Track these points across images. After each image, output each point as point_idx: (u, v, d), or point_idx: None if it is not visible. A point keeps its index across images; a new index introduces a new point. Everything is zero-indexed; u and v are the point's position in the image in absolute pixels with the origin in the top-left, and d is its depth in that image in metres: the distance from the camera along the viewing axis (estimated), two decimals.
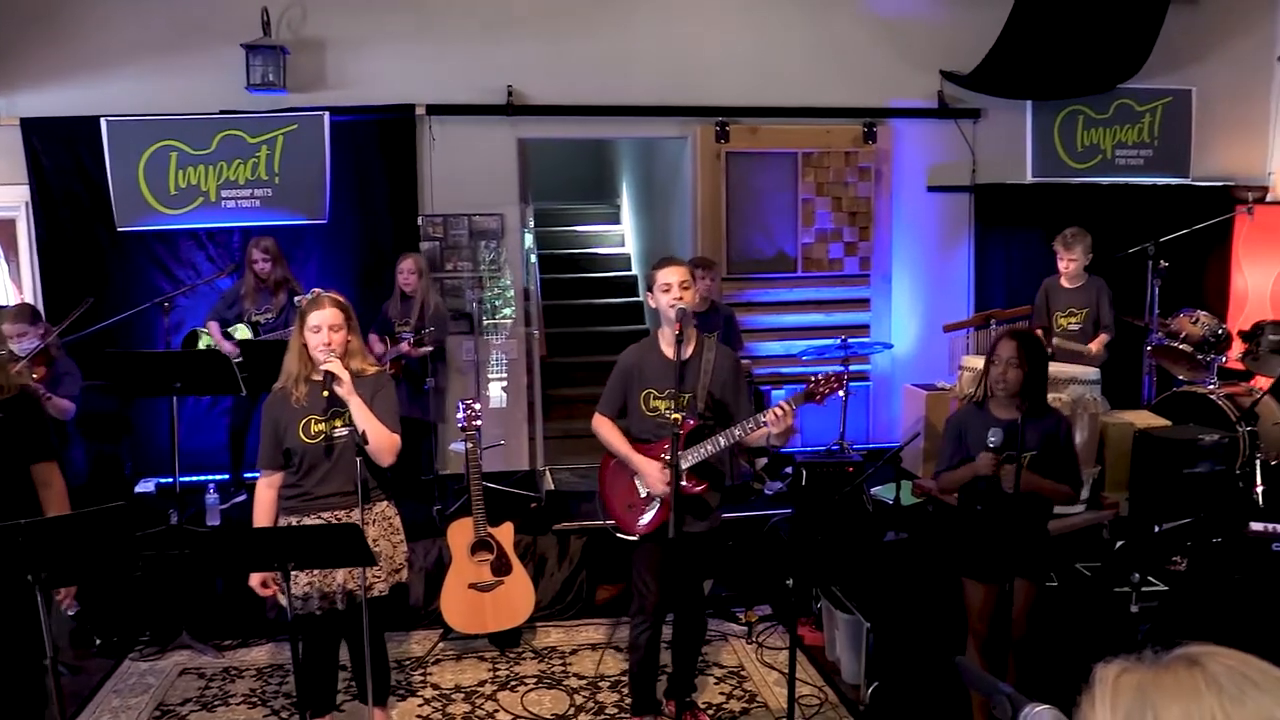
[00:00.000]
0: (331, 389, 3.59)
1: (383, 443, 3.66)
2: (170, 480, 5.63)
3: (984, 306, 7.30)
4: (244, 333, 6.09)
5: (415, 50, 6.84)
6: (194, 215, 6.65)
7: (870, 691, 4.46)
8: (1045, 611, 4.10)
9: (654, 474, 3.88)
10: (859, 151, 7.32)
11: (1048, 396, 3.94)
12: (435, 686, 4.74)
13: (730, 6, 7.18)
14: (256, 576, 3.71)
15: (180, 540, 5.24)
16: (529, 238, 7.33)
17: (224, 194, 6.65)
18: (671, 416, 3.69)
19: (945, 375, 7.13)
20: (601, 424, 4.05)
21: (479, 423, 5.04)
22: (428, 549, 5.45)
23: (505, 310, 7.03)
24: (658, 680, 4.28)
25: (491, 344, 7.02)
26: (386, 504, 3.84)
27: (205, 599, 5.27)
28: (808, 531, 5.48)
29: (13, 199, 6.63)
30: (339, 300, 3.75)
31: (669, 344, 3.93)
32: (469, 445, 5.00)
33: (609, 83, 7.01)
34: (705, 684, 4.70)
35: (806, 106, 7.27)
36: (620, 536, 4.07)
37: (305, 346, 3.69)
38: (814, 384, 3.76)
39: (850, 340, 6.60)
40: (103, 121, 6.44)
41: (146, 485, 6.53)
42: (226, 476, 6.37)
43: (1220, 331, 6.33)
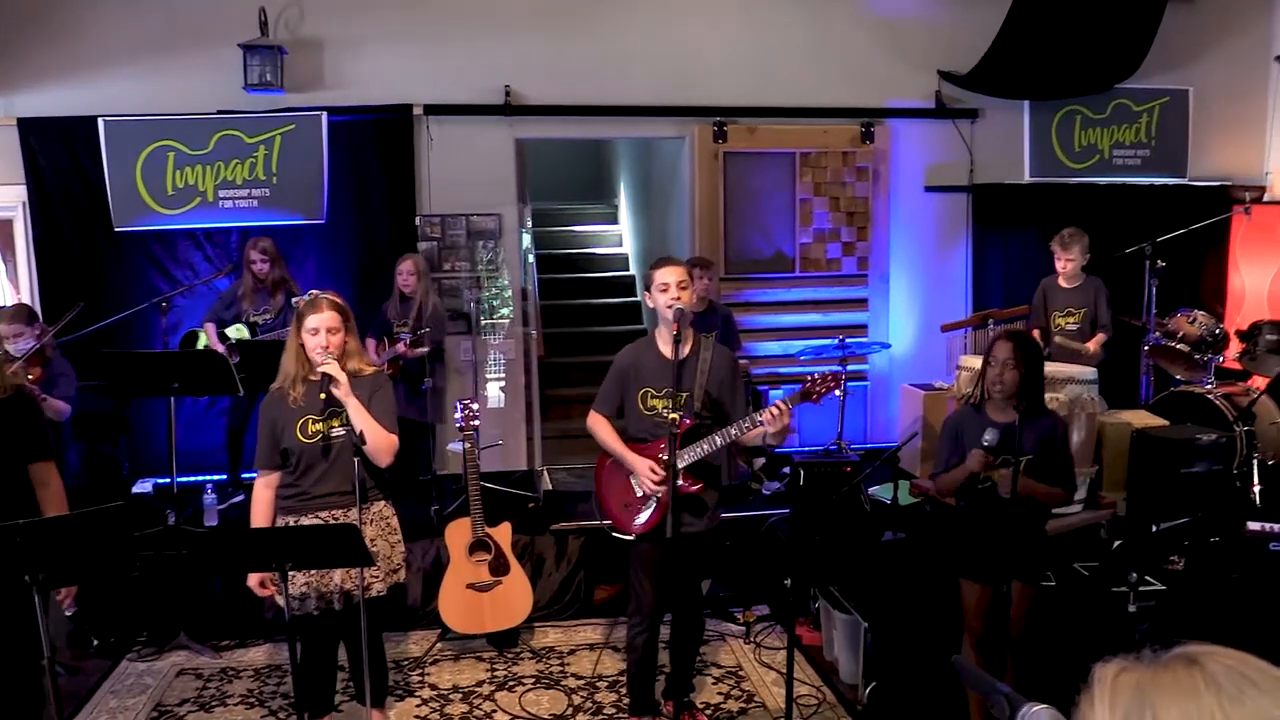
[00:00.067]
0: (329, 391, 3.59)
1: (380, 443, 3.67)
2: (168, 480, 5.62)
3: (982, 306, 7.31)
4: (240, 332, 6.09)
5: (413, 50, 6.84)
6: (191, 215, 6.64)
7: (868, 691, 4.46)
8: (1043, 611, 4.10)
9: (646, 473, 3.88)
10: (857, 151, 7.32)
11: (1045, 396, 3.94)
12: (433, 687, 4.74)
13: (728, 7, 7.18)
14: (255, 577, 3.72)
15: (178, 540, 5.24)
16: (527, 238, 7.32)
17: (221, 194, 6.65)
18: (670, 416, 3.69)
19: (943, 375, 7.14)
20: (596, 422, 4.05)
21: (477, 423, 5.03)
22: (425, 549, 5.45)
23: (503, 310, 7.02)
24: (656, 680, 4.27)
25: (489, 344, 7.01)
26: (384, 504, 3.85)
27: (203, 599, 5.27)
28: (805, 532, 5.48)
29: (10, 199, 6.62)
30: (337, 302, 3.75)
31: (666, 343, 3.93)
32: (467, 445, 5.00)
33: (606, 83, 7.01)
34: (703, 684, 4.70)
35: (804, 107, 7.27)
36: (616, 536, 4.06)
37: (302, 347, 3.69)
38: (810, 383, 3.77)
39: (848, 340, 6.59)
40: (100, 121, 6.43)
41: (144, 486, 6.52)
42: (224, 477, 6.36)
43: (1217, 331, 6.34)
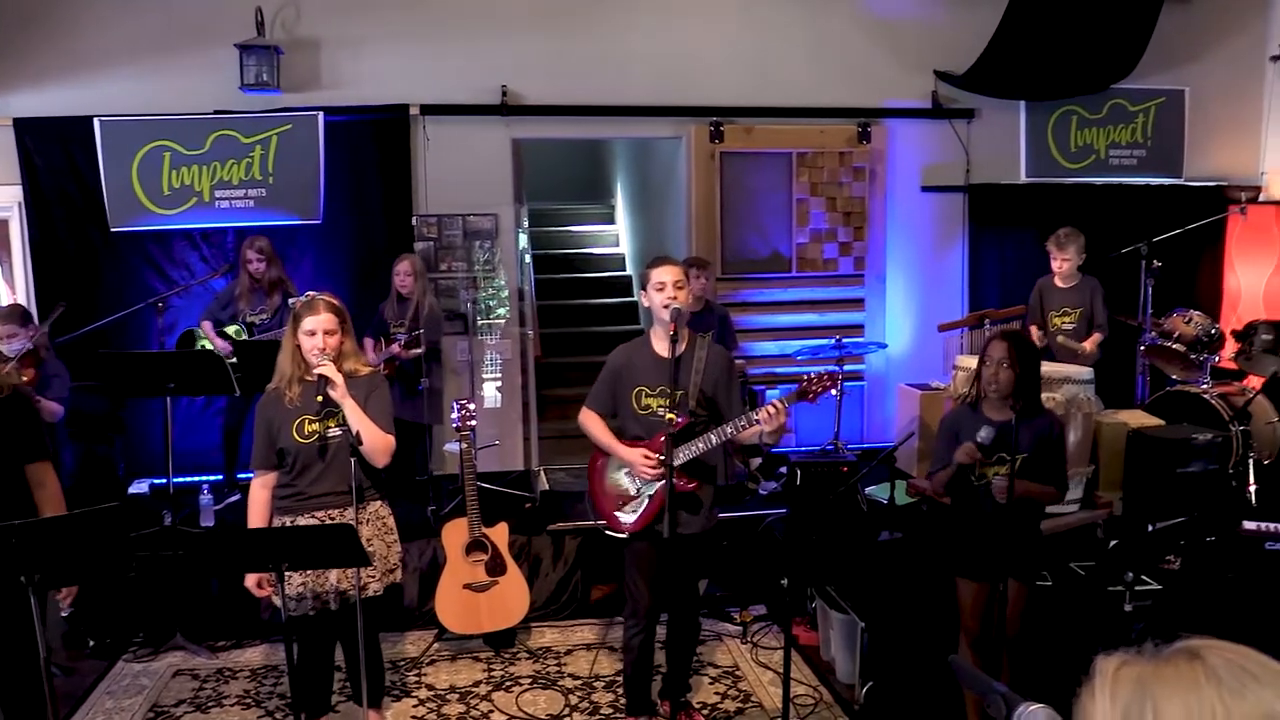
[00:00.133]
0: (325, 392, 3.59)
1: (377, 444, 3.67)
2: (164, 481, 5.61)
3: (978, 306, 7.32)
4: (238, 333, 6.08)
5: (409, 50, 6.84)
6: (188, 215, 6.63)
7: (865, 691, 4.46)
8: (1039, 610, 4.10)
9: (639, 461, 3.85)
10: (853, 151, 7.32)
11: (1041, 396, 3.94)
12: (430, 687, 4.73)
13: (724, 7, 7.18)
14: (252, 577, 3.72)
15: (174, 541, 5.22)
16: (523, 238, 7.32)
17: (218, 194, 6.63)
18: (667, 416, 3.69)
19: (940, 375, 7.15)
20: (588, 417, 4.04)
21: (473, 423, 5.03)
22: (422, 549, 5.44)
23: (500, 310, 7.02)
24: (652, 681, 4.27)
25: (486, 344, 7.01)
26: (380, 504, 3.84)
27: (199, 600, 5.26)
28: (802, 531, 5.49)
29: (5, 199, 6.61)
30: (333, 304, 3.75)
31: (661, 342, 3.92)
32: (463, 445, 4.99)
33: (603, 83, 7.01)
34: (700, 684, 4.70)
35: (801, 107, 7.27)
36: (610, 535, 4.06)
37: (299, 348, 3.69)
38: (807, 383, 3.76)
39: (845, 340, 6.59)
40: (96, 121, 6.42)
41: (140, 486, 6.51)
42: (220, 477, 6.35)
43: (1213, 331, 6.35)
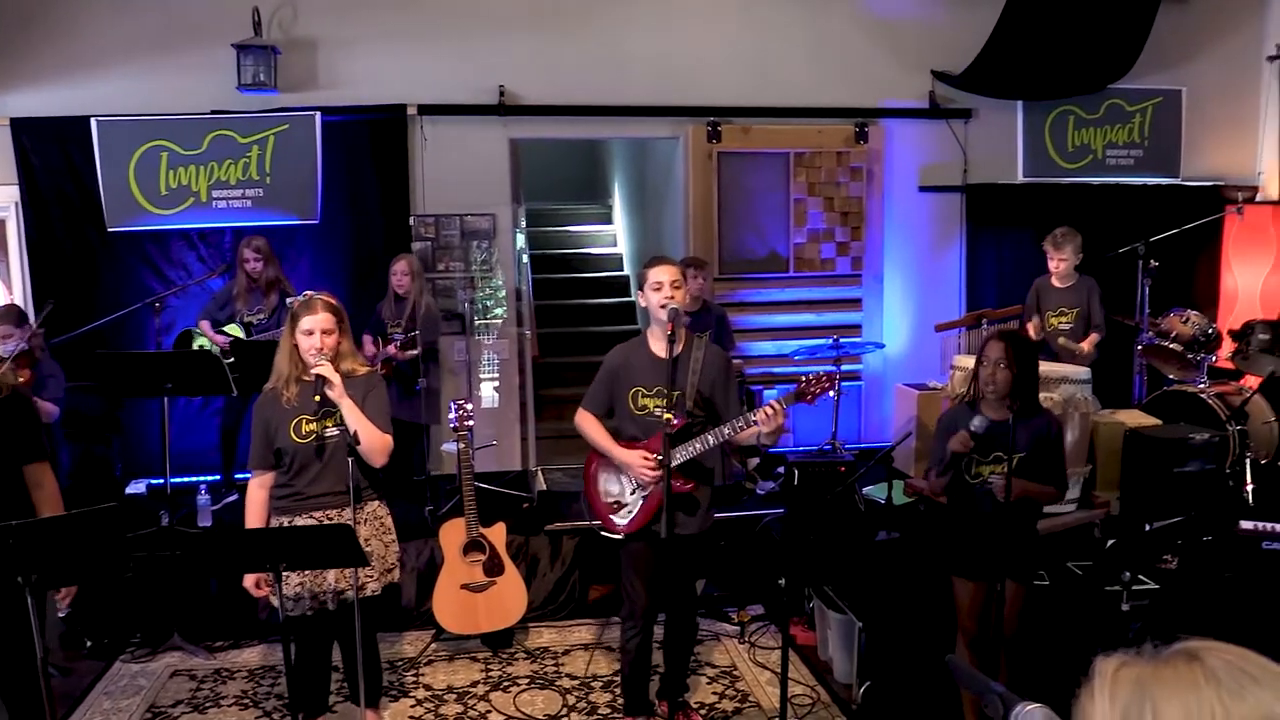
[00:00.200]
0: (323, 392, 3.58)
1: (375, 443, 3.66)
2: (161, 481, 5.61)
3: (975, 306, 7.32)
4: (236, 332, 6.07)
5: (407, 50, 6.83)
6: (185, 215, 6.62)
7: (862, 691, 4.47)
8: (1037, 610, 4.11)
9: (638, 463, 3.85)
10: (851, 151, 7.33)
11: (1039, 395, 3.94)
12: (428, 687, 4.73)
13: (722, 7, 7.18)
14: (250, 577, 3.72)
15: (171, 541, 5.21)
16: (521, 238, 7.32)
17: (215, 194, 6.63)
18: (664, 416, 3.69)
19: (937, 375, 7.15)
20: (585, 419, 4.03)
21: (471, 423, 5.02)
22: (420, 549, 5.44)
23: (497, 310, 7.01)
24: (650, 681, 4.27)
25: (483, 344, 7.00)
26: (378, 504, 3.84)
27: (197, 600, 5.26)
28: (800, 531, 5.49)
29: (2, 199, 6.60)
30: (331, 303, 3.74)
31: (658, 342, 3.92)
32: (461, 446, 4.99)
33: (601, 83, 7.01)
34: (698, 684, 4.70)
35: (798, 107, 7.27)
36: (605, 535, 4.06)
37: (296, 348, 3.69)
38: (805, 383, 3.77)
39: (842, 340, 6.58)
40: (93, 121, 6.41)
41: (137, 486, 6.50)
42: (218, 477, 6.35)
43: (1210, 331, 6.35)
